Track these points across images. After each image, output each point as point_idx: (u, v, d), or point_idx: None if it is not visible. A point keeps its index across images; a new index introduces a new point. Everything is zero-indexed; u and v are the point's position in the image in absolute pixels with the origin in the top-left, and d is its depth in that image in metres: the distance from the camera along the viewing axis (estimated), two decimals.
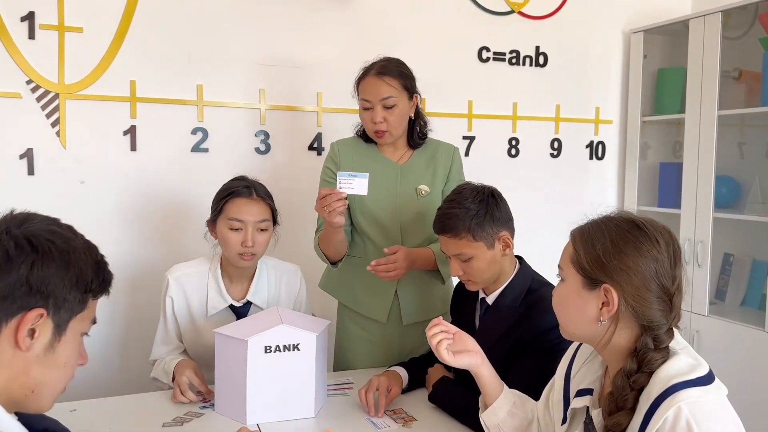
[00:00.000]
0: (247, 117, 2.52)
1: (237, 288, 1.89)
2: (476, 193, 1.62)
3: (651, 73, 3.09)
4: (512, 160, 2.94)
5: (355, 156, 2.01)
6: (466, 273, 1.62)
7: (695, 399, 0.96)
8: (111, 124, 2.34)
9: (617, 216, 1.14)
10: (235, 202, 1.80)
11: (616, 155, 3.19)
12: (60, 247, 0.88)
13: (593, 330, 1.11)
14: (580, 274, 1.11)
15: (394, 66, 1.94)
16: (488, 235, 1.59)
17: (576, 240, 1.14)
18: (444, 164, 2.02)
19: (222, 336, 1.62)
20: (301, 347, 1.60)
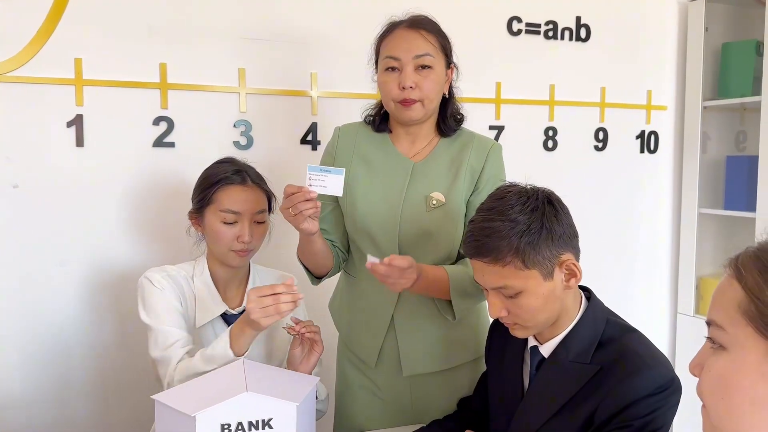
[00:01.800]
0: (224, 103, 2.04)
1: (230, 294, 1.55)
2: (527, 198, 1.12)
3: (714, 49, 2.59)
4: (549, 153, 2.46)
5: (358, 145, 1.55)
6: (512, 314, 1.13)
7: None
8: (51, 114, 1.87)
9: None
10: (227, 191, 1.49)
11: (671, 147, 2.70)
12: None
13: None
14: (766, 336, 0.66)
15: (432, 21, 1.49)
16: (545, 259, 1.09)
17: (751, 276, 0.68)
18: (474, 164, 1.50)
19: (164, 406, 1.14)
20: (275, 424, 1.12)
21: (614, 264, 2.61)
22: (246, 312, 1.28)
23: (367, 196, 1.50)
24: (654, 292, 2.72)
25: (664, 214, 2.70)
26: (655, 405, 1.06)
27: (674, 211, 2.71)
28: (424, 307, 1.49)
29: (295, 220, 1.36)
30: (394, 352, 1.51)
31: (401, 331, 1.50)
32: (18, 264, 1.87)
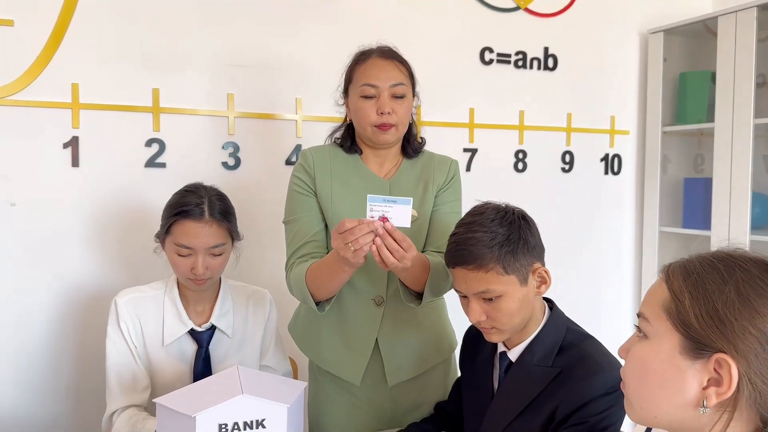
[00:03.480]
0: (213, 126, 2.15)
1: (197, 310, 1.62)
2: (504, 213, 1.26)
3: (672, 79, 2.77)
4: (519, 175, 2.60)
5: (333, 166, 1.60)
6: (490, 318, 1.25)
7: None
8: (48, 135, 1.96)
9: (738, 255, 0.81)
10: (183, 225, 1.51)
11: (633, 169, 2.86)
12: None
13: (688, 419, 0.79)
14: (680, 331, 0.79)
15: (398, 53, 1.59)
16: (522, 266, 1.23)
17: (677, 281, 0.82)
18: (439, 181, 1.62)
19: (164, 408, 1.23)
20: (268, 424, 1.22)
21: (580, 279, 2.76)
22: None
23: (343, 213, 1.54)
24: (620, 305, 2.87)
25: (627, 232, 2.86)
26: (608, 403, 1.19)
27: (637, 229, 2.87)
28: (403, 318, 1.58)
29: (354, 255, 1.29)
30: (378, 367, 1.58)
31: (385, 346, 1.57)
32: (13, 277, 1.94)
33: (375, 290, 1.56)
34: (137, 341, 1.58)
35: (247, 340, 1.66)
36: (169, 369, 1.58)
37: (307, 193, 1.58)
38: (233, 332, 1.63)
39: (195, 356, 1.58)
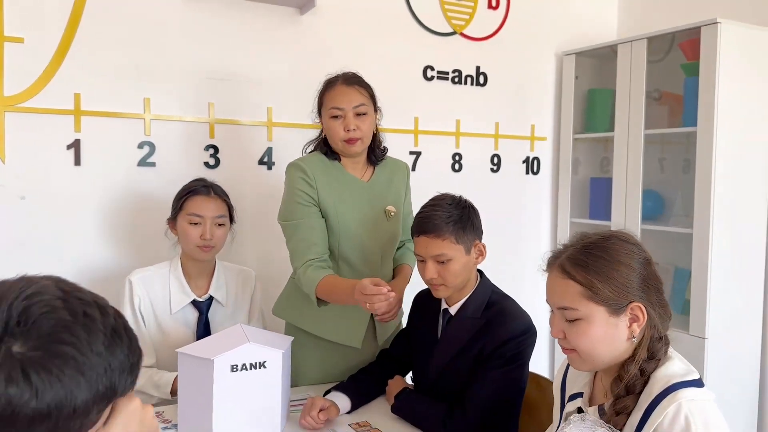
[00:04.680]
0: (196, 131, 2.49)
1: (198, 284, 2.00)
2: (457, 201, 1.71)
3: (582, 93, 3.27)
4: (456, 174, 3.04)
5: (325, 175, 1.91)
6: (440, 276, 1.67)
7: (693, 398, 1.05)
8: (54, 138, 2.25)
9: (597, 239, 1.18)
10: (194, 199, 1.95)
11: (549, 170, 3.35)
12: (74, 365, 0.71)
13: (623, 350, 1.15)
14: (602, 305, 1.13)
15: (361, 78, 1.94)
16: (468, 240, 1.67)
17: (579, 275, 1.14)
18: (402, 182, 2.07)
19: (185, 356, 1.60)
20: (268, 365, 1.61)
21: (505, 260, 3.23)
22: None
23: (353, 216, 1.90)
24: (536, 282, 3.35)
25: (544, 222, 3.36)
26: (520, 343, 1.64)
27: (552, 221, 3.37)
28: None
29: (369, 309, 1.64)
30: (370, 331, 1.99)
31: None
32: (22, 263, 2.22)
33: (370, 271, 1.94)
34: (147, 312, 1.93)
35: (238, 309, 2.04)
36: (176, 332, 1.94)
37: (309, 204, 1.87)
38: (227, 302, 2.01)
39: (197, 322, 1.94)
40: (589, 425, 1.12)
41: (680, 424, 1.04)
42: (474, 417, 1.54)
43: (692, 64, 2.71)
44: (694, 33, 2.65)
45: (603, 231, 1.22)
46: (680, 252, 2.93)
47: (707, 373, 2.58)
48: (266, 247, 2.57)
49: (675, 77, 2.91)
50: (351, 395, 1.76)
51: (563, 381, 1.36)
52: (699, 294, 2.64)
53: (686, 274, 2.91)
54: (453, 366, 1.70)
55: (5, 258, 2.19)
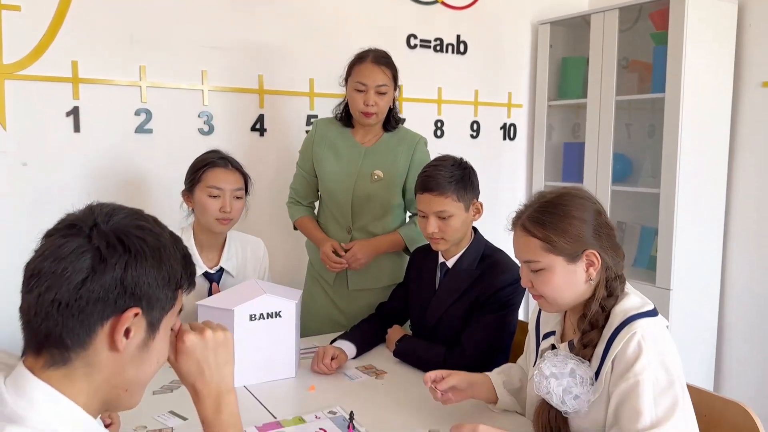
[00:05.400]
0: (190, 98, 2.56)
1: (209, 256, 2.03)
2: (459, 162, 1.86)
3: (556, 62, 3.42)
4: (438, 140, 3.17)
5: (328, 134, 2.26)
6: (441, 230, 1.81)
7: (646, 326, 1.22)
8: (53, 105, 2.30)
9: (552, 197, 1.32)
10: (213, 172, 1.95)
11: (525, 136, 3.51)
12: (152, 246, 0.85)
13: (582, 291, 1.31)
14: (561, 255, 1.27)
15: (388, 58, 2.18)
16: (467, 199, 1.82)
17: (539, 231, 1.28)
18: (406, 152, 2.24)
19: (206, 307, 1.71)
20: (283, 314, 1.74)
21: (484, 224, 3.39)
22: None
23: (332, 172, 2.21)
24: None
25: (519, 185, 3.53)
26: (511, 291, 1.80)
27: (527, 184, 3.55)
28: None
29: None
30: (343, 275, 2.26)
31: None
32: (25, 226, 2.28)
33: (345, 222, 2.25)
34: None
35: (247, 278, 2.13)
36: (186, 302, 1.99)
37: (306, 158, 2.28)
38: (236, 273, 2.07)
39: (208, 292, 2.03)
40: (561, 359, 1.28)
41: (634, 348, 1.20)
42: (472, 355, 1.70)
43: (661, 33, 2.87)
44: (663, 3, 2.81)
45: (558, 189, 1.36)
46: (647, 211, 3.14)
47: (671, 320, 2.80)
48: (259, 211, 2.67)
49: (644, 46, 3.08)
50: (356, 342, 1.90)
51: (537, 321, 1.52)
52: (664, 249, 2.85)
53: (652, 232, 3.13)
54: (450, 313, 1.85)
55: (8, 223, 2.25)
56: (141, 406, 1.00)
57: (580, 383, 1.24)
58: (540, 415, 1.34)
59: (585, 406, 1.25)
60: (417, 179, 1.86)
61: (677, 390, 1.19)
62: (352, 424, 1.45)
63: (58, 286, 0.80)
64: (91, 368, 0.84)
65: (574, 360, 1.27)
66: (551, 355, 1.30)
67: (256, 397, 1.63)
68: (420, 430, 1.44)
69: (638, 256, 3.25)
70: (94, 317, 0.82)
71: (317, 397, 1.65)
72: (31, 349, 0.84)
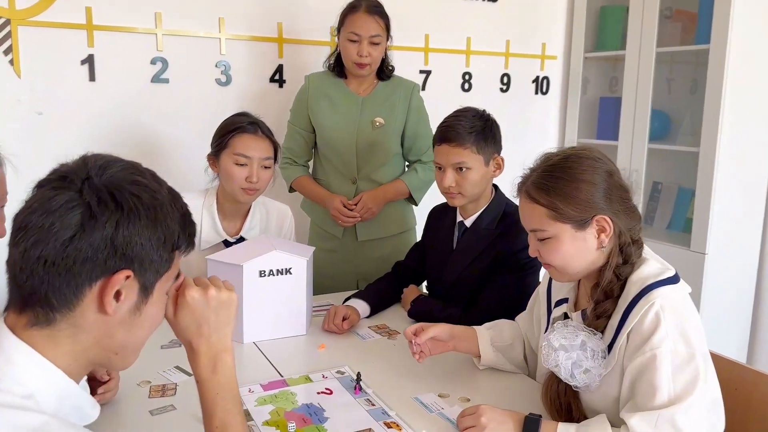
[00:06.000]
0: (207, 47, 2.48)
1: (231, 224, 1.93)
2: (481, 114, 1.76)
3: (594, 10, 3.23)
4: (465, 94, 3.05)
5: (322, 87, 2.23)
6: (458, 184, 1.72)
7: (665, 295, 1.13)
8: (68, 53, 2.25)
9: (558, 159, 1.22)
10: (241, 138, 1.83)
11: (559, 90, 3.35)
12: (146, 204, 0.80)
13: (594, 258, 1.21)
14: (568, 223, 1.18)
15: (380, 7, 2.13)
16: (487, 152, 1.73)
17: (543, 198, 1.19)
18: (403, 100, 2.23)
19: (215, 262, 1.67)
20: (293, 271, 1.69)
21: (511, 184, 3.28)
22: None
23: (332, 124, 2.19)
24: None
25: (551, 142, 3.39)
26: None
27: (559, 142, 3.41)
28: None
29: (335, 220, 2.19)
30: (353, 228, 2.27)
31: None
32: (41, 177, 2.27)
33: (350, 173, 2.25)
34: None
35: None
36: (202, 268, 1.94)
37: (299, 115, 2.25)
38: None
39: None
40: (572, 330, 1.20)
41: (651, 319, 1.11)
42: (488, 316, 1.63)
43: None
44: None
45: (565, 150, 1.25)
46: (685, 171, 2.98)
47: (705, 287, 2.68)
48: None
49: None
50: (369, 301, 1.85)
51: (549, 287, 1.42)
52: (701, 211, 2.70)
53: (689, 193, 2.98)
54: (467, 273, 1.78)
55: (24, 173, 2.23)
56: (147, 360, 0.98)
57: (591, 356, 1.16)
58: (549, 389, 1.26)
59: (596, 381, 1.17)
60: (436, 130, 1.77)
61: (698, 363, 1.10)
62: (359, 384, 1.41)
63: (45, 242, 0.75)
64: (77, 330, 0.79)
65: (586, 332, 1.18)
66: (561, 325, 1.22)
67: (265, 354, 1.60)
68: (429, 393, 1.39)
69: (674, 218, 3.11)
70: (82, 277, 0.77)
71: (327, 355, 1.61)
72: (15, 307, 0.80)
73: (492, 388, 1.44)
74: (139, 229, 0.79)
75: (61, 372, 0.79)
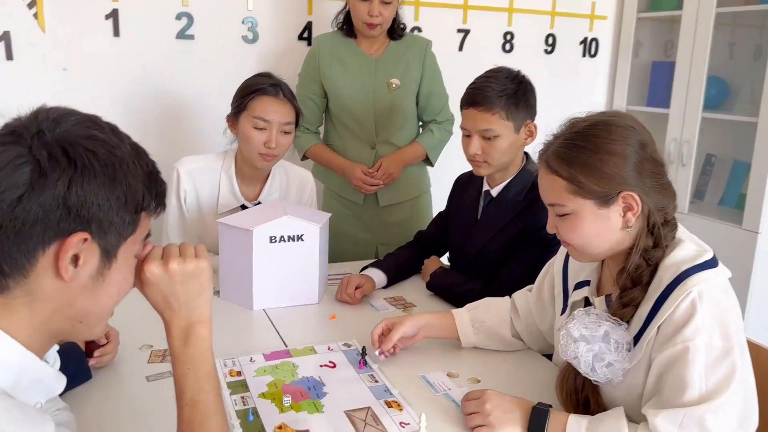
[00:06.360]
0: (234, 2, 2.40)
1: (249, 189, 1.87)
2: (514, 75, 1.61)
3: None
4: (506, 55, 2.89)
5: (333, 50, 2.14)
6: (484, 152, 1.60)
7: (703, 281, 1.00)
8: (92, 8, 2.20)
9: (583, 126, 1.08)
10: (261, 101, 1.74)
11: (608, 53, 3.15)
12: (103, 160, 0.72)
13: (620, 240, 1.09)
14: (590, 199, 1.05)
15: None
16: (519, 118, 1.59)
17: (563, 170, 1.06)
18: (417, 58, 2.15)
19: (225, 226, 1.62)
20: (305, 238, 1.62)
21: None
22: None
23: (347, 88, 2.11)
24: None
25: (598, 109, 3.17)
26: None
27: (607, 107, 3.20)
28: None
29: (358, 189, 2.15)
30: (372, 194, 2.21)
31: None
32: None
33: (368, 138, 2.17)
34: (192, 207, 1.84)
35: None
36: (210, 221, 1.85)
37: (309, 80, 2.16)
38: None
39: None
40: (594, 319, 1.07)
41: (686, 308, 0.99)
42: (509, 291, 1.52)
43: None
44: None
45: (593, 116, 1.11)
46: (741, 143, 2.77)
47: (757, 267, 2.50)
48: None
49: None
50: (387, 270, 1.77)
51: (565, 265, 1.29)
52: (756, 187, 2.51)
53: (745, 167, 2.77)
54: (491, 246, 1.68)
55: None
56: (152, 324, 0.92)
57: (614, 349, 1.04)
58: (565, 381, 1.15)
59: (619, 376, 1.05)
60: (464, 92, 1.64)
61: (735, 358, 0.97)
62: (364, 359, 1.34)
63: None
64: (33, 297, 0.73)
65: (610, 321, 1.06)
66: (582, 314, 1.09)
67: (273, 323, 1.55)
68: (437, 372, 1.31)
69: (726, 193, 2.91)
70: (34, 241, 0.70)
71: (337, 326, 1.54)
72: None
73: (506, 369, 1.35)
74: (95, 188, 0.71)
75: (17, 343, 0.73)
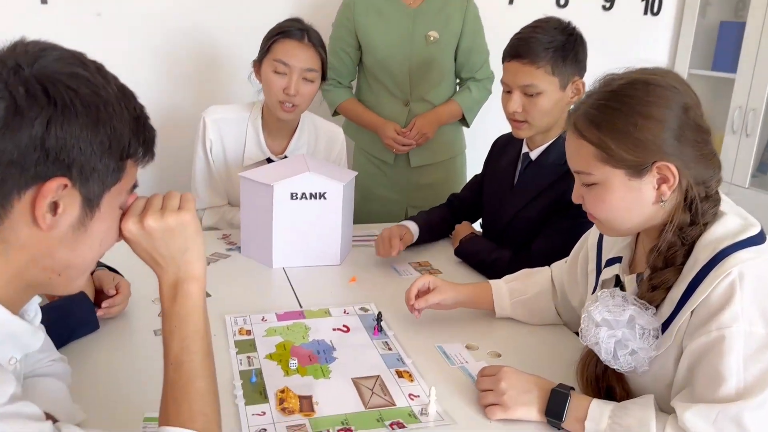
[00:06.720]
0: None
1: (276, 142, 1.80)
2: (566, 26, 1.47)
3: None
4: (560, 11, 2.71)
5: (369, 2, 2.03)
6: (525, 111, 1.48)
7: (746, 260, 0.88)
8: None
9: (618, 85, 0.94)
10: (284, 44, 1.66)
11: (673, 11, 2.91)
12: (86, 100, 0.67)
13: (652, 215, 0.97)
14: (620, 168, 0.94)
15: None
16: (566, 74, 1.46)
17: (592, 134, 0.94)
18: (458, 10, 2.03)
19: (247, 180, 1.57)
20: (328, 196, 1.55)
21: None
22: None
23: (383, 39, 2.01)
24: None
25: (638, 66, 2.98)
26: None
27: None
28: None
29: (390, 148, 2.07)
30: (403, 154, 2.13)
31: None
32: None
33: (402, 94, 2.08)
34: (218, 158, 1.79)
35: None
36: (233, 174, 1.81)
37: (343, 31, 2.05)
38: None
39: None
40: (619, 302, 0.96)
41: (724, 290, 0.87)
42: (538, 263, 1.42)
43: None
44: None
45: (631, 73, 0.97)
46: None
47: None
48: None
49: None
50: (420, 226, 1.69)
51: (600, 240, 1.17)
52: None
53: None
54: (525, 213, 1.57)
55: None
56: None
57: (639, 336, 0.94)
58: (586, 367, 1.05)
59: (644, 365, 0.95)
60: (507, 43, 1.51)
61: None
62: (380, 325, 1.28)
63: None
64: (7, 246, 0.68)
65: (636, 305, 0.95)
66: (607, 295, 0.98)
67: (291, 282, 1.50)
68: (455, 343, 1.24)
69: None
70: (9, 185, 0.65)
71: (356, 290, 1.48)
72: None
73: (531, 345, 1.26)
74: (76, 130, 0.65)
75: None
